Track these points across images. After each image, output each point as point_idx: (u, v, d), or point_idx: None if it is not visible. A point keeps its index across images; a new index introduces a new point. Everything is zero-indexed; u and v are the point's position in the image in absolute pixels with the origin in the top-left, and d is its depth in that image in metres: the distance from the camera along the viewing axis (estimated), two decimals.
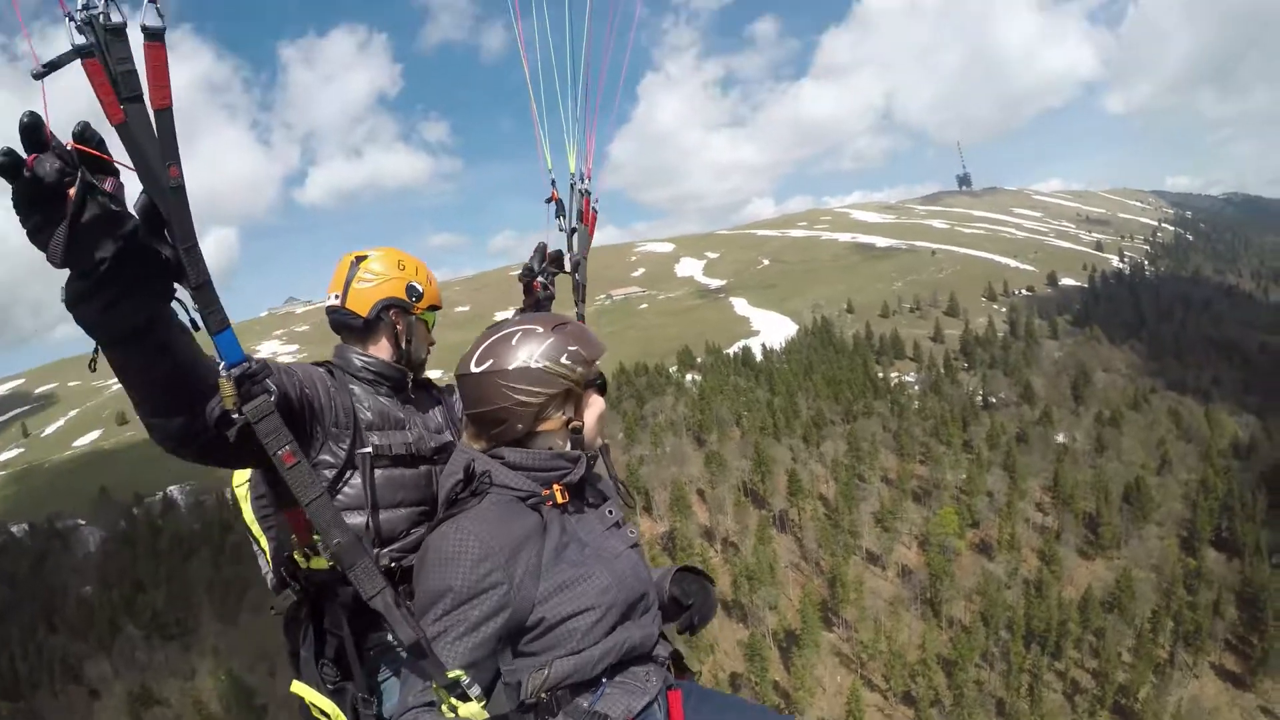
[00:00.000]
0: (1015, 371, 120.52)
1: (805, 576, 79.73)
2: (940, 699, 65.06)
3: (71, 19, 1.34)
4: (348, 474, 2.45)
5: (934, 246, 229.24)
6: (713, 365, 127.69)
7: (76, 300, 1.45)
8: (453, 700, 1.69)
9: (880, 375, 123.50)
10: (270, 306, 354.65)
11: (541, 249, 3.41)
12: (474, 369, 2.01)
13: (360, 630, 2.42)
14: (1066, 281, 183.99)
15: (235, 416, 1.70)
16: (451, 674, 1.69)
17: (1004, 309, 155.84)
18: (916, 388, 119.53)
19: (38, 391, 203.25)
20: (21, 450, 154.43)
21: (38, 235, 1.35)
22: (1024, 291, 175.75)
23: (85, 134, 1.36)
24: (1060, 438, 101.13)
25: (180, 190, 1.46)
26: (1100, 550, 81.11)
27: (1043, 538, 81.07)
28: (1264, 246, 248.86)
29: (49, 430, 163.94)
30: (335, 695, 2.38)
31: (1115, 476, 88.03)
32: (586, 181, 3.36)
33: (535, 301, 3.36)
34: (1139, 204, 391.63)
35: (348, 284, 2.66)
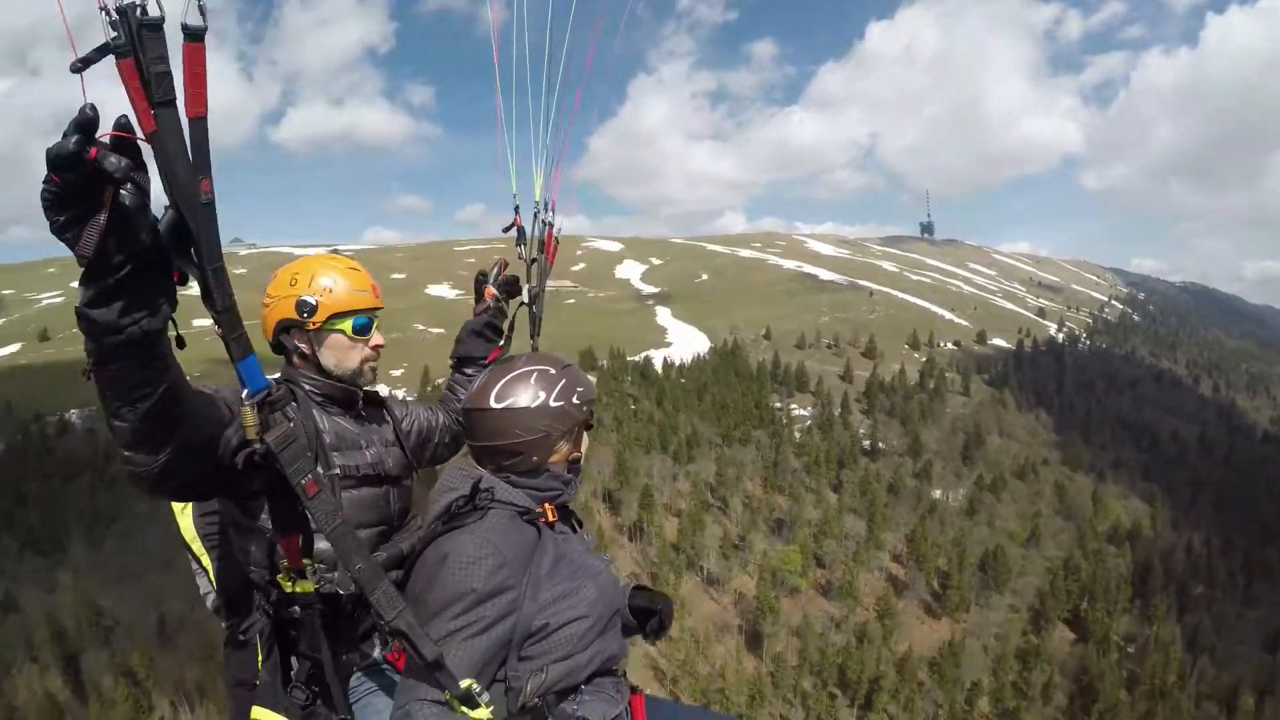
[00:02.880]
0: (910, 422, 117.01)
1: None
2: None
3: (106, 11, 1.23)
4: None
5: (874, 287, 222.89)
6: (611, 371, 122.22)
7: (98, 299, 1.35)
8: (464, 709, 1.75)
9: (778, 405, 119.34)
10: None
11: (500, 264, 3.34)
12: (494, 405, 2.15)
13: (334, 652, 2.35)
14: (996, 342, 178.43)
15: (257, 445, 1.68)
16: (464, 684, 1.74)
17: (923, 359, 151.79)
18: (809, 423, 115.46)
19: None
20: None
21: (70, 228, 1.25)
22: (949, 345, 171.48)
23: (127, 126, 1.26)
24: (936, 494, 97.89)
25: (211, 207, 1.39)
26: (948, 612, 77.44)
27: (885, 589, 77.27)
28: (1207, 338, 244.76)
29: None
30: None
31: (978, 541, 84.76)
32: (551, 213, 3.30)
33: (486, 309, 3.27)
34: (1095, 278, 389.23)
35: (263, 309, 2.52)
